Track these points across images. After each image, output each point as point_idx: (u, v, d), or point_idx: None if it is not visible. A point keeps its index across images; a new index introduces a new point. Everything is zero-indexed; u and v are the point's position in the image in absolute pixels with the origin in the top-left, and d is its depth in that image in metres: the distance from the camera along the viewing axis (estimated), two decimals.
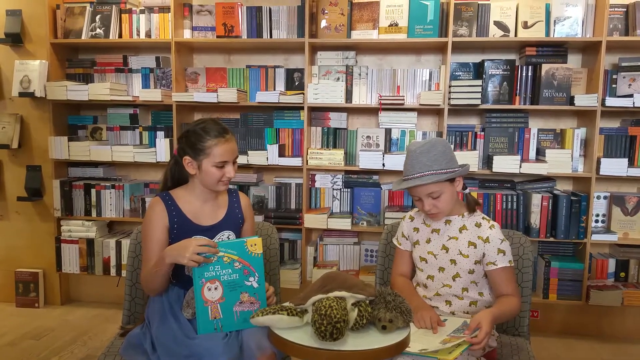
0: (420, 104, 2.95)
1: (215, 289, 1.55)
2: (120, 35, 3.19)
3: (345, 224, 3.04)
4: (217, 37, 3.10)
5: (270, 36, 3.07)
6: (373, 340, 1.34)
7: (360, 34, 2.99)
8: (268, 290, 1.67)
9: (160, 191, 1.85)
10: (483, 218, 1.79)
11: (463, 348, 1.46)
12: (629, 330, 3.00)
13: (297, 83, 3.18)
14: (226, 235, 1.82)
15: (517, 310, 1.74)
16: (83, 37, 3.17)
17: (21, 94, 3.15)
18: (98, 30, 3.17)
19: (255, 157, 3.08)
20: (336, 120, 3.19)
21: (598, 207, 2.97)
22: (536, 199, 2.90)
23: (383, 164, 2.97)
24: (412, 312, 1.41)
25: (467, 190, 1.82)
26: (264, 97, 3.04)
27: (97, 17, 3.17)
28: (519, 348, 1.85)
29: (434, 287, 1.79)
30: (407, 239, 1.90)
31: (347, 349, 1.29)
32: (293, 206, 3.23)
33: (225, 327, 1.57)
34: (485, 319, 1.53)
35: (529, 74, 2.93)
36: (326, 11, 2.99)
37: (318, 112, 3.20)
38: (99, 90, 3.09)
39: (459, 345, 1.47)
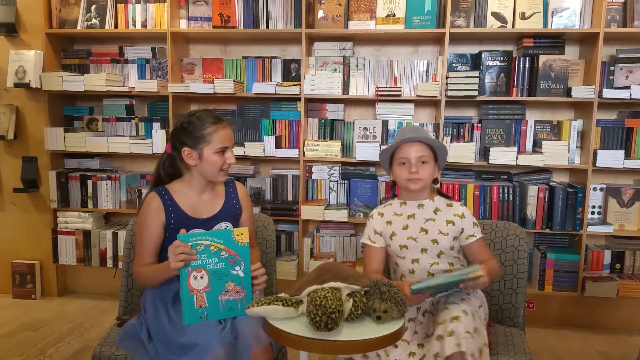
0: (418, 96, 2.95)
1: (201, 277, 1.56)
2: (116, 26, 3.17)
3: (341, 215, 3.04)
4: (214, 27, 3.08)
5: (267, 26, 3.05)
6: (368, 330, 1.34)
7: (358, 25, 2.98)
8: (257, 270, 1.64)
9: (149, 190, 1.83)
10: (449, 200, 1.91)
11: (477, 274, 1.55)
12: (623, 321, 3.02)
13: (293, 74, 3.17)
14: (224, 226, 1.82)
15: (500, 270, 1.90)
16: (78, 27, 3.15)
17: (16, 85, 3.13)
18: (94, 21, 3.15)
19: (251, 149, 3.07)
20: (333, 112, 3.18)
21: (594, 198, 2.98)
22: (532, 191, 2.90)
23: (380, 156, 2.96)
24: (406, 302, 1.42)
25: (438, 185, 1.94)
26: (260, 88, 3.03)
27: (93, 7, 3.15)
28: (513, 338, 1.86)
29: (421, 269, 1.81)
30: (380, 236, 1.89)
31: (342, 339, 1.30)
32: (290, 198, 3.23)
33: (210, 316, 1.58)
34: (483, 269, 1.60)
35: (526, 65, 2.92)
36: (323, 1, 2.97)
37: (315, 103, 3.19)
38: (95, 81, 3.07)
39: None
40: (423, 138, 1.81)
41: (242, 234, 1.59)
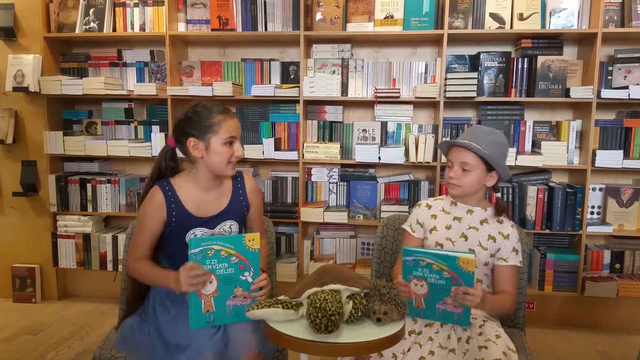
0: (416, 97, 2.95)
1: (210, 282, 1.54)
2: (114, 29, 3.17)
3: (341, 217, 3.04)
4: (212, 30, 3.08)
5: (265, 29, 3.06)
6: (368, 332, 1.34)
7: (356, 27, 2.98)
8: (261, 281, 1.59)
9: (149, 184, 1.76)
10: (505, 217, 1.83)
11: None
12: (623, 321, 3.02)
13: (292, 76, 3.17)
14: (228, 225, 1.77)
15: (510, 309, 1.77)
16: (77, 31, 3.16)
17: (15, 89, 3.13)
18: (92, 24, 3.15)
19: (251, 151, 3.07)
20: (332, 114, 3.19)
21: (593, 198, 2.98)
22: (532, 191, 2.91)
23: (379, 157, 2.97)
24: (406, 304, 1.42)
25: (498, 194, 1.86)
26: (259, 90, 3.03)
27: (91, 11, 3.15)
28: (513, 339, 1.85)
29: None
30: (421, 226, 1.87)
31: (342, 341, 1.30)
32: (289, 200, 3.23)
33: (217, 321, 1.57)
34: (479, 288, 1.53)
35: (525, 66, 2.93)
36: (321, 3, 2.98)
37: (314, 105, 3.19)
38: (94, 84, 3.07)
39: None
40: (467, 144, 1.72)
41: (253, 240, 1.56)
